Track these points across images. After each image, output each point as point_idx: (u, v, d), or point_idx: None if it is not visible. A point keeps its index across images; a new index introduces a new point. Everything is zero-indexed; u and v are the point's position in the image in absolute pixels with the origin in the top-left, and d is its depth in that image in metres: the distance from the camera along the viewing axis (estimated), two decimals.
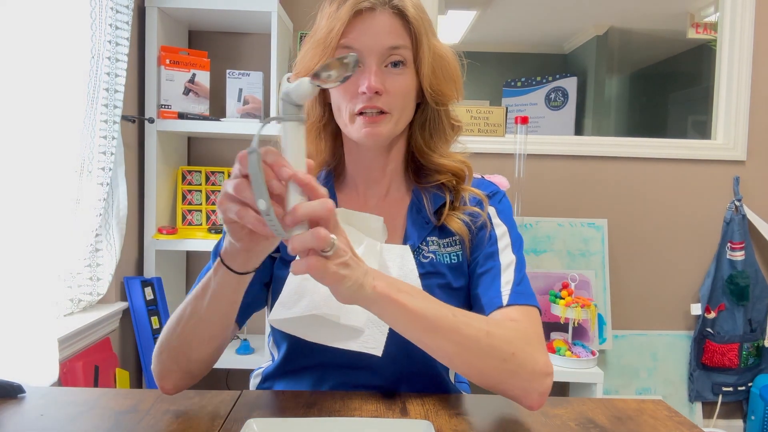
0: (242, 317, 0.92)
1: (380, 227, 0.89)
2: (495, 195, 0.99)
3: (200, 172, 2.23)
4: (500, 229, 0.94)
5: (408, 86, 0.88)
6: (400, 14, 0.86)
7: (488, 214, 0.95)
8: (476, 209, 0.94)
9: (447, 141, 0.97)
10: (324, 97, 0.94)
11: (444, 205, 0.94)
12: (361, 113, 0.86)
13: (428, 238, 0.93)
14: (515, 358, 0.75)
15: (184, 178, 2.21)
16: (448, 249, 0.94)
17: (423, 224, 0.94)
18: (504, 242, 0.93)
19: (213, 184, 2.24)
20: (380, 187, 0.97)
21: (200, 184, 2.23)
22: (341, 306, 0.76)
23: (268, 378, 0.99)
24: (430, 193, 0.95)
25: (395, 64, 0.87)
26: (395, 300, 0.70)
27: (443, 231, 0.94)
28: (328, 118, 0.95)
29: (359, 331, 0.80)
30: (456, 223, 0.93)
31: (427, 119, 0.95)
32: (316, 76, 0.65)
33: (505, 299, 0.86)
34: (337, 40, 0.85)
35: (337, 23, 0.84)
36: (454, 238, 0.94)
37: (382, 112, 0.86)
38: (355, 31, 0.85)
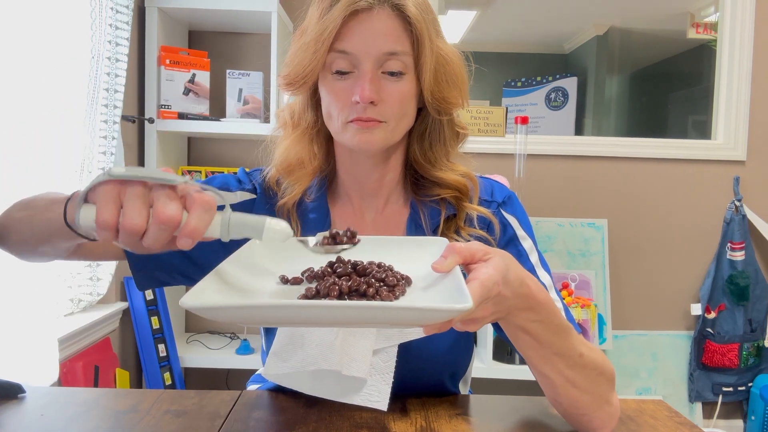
0: (146, 281, 0.88)
1: None
2: (508, 201, 0.91)
3: (200, 172, 2.23)
4: (527, 242, 0.88)
5: (407, 94, 0.81)
6: (401, 14, 0.78)
7: (511, 225, 0.88)
8: (484, 234, 0.86)
9: (448, 152, 0.89)
10: (317, 100, 0.87)
11: (444, 221, 0.87)
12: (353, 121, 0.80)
13: None
14: (611, 396, 0.76)
15: None
16: None
17: None
18: (534, 257, 0.87)
19: None
20: (377, 199, 0.90)
21: None
22: (342, 356, 0.73)
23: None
24: (428, 208, 0.88)
25: (393, 71, 0.79)
26: (527, 331, 0.68)
27: None
28: (322, 123, 0.87)
29: (362, 381, 0.76)
30: None
31: (427, 128, 0.88)
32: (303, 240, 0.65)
33: None
34: (329, 43, 0.77)
35: (330, 24, 0.76)
36: None
37: (376, 121, 0.80)
38: (350, 34, 0.77)
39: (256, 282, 0.64)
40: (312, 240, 0.66)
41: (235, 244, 0.88)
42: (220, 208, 0.56)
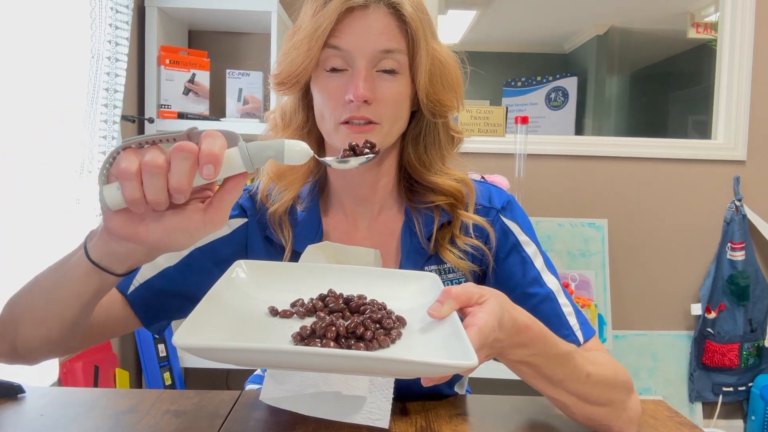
0: (159, 329, 0.87)
1: (372, 261, 0.82)
2: (508, 206, 0.89)
3: None
4: (530, 248, 0.86)
5: (401, 94, 0.79)
6: (396, 13, 0.76)
7: (513, 232, 0.87)
8: (480, 243, 0.85)
9: (444, 156, 0.87)
10: (308, 101, 0.85)
11: (438, 228, 0.85)
12: (346, 122, 0.77)
13: (426, 268, 0.85)
14: (624, 404, 0.76)
15: None
16: (450, 276, 0.85)
17: (418, 251, 0.85)
18: (539, 262, 0.85)
19: None
20: (371, 206, 0.87)
21: None
22: (342, 375, 0.72)
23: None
24: (422, 215, 0.86)
25: (388, 70, 0.77)
26: (526, 364, 0.67)
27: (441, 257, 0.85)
28: (312, 124, 0.85)
29: (362, 399, 0.74)
30: (450, 255, 0.84)
31: (421, 131, 0.86)
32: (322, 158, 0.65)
33: (579, 336, 0.81)
34: (324, 40, 0.76)
35: (324, 21, 0.75)
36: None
37: (370, 122, 0.77)
38: (345, 31, 0.76)
39: (246, 314, 0.63)
40: (331, 160, 0.69)
41: None
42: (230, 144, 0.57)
